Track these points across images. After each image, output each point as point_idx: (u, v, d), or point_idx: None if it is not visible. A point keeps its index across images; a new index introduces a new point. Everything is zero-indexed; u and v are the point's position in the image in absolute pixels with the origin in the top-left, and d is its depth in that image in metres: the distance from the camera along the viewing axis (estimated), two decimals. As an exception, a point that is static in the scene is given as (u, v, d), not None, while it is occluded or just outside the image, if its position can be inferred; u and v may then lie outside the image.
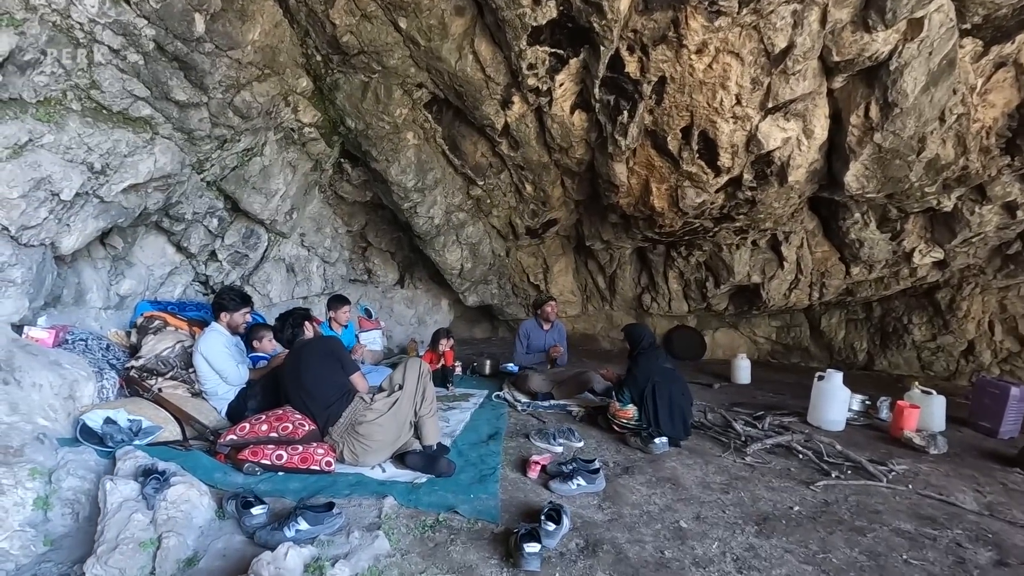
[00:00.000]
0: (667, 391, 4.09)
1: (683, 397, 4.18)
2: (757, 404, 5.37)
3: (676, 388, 4.16)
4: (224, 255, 5.26)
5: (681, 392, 4.20)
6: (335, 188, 6.30)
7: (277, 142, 5.08)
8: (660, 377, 4.15)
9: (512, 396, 5.08)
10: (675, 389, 4.15)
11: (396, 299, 8.12)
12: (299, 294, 6.25)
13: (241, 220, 5.32)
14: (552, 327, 5.63)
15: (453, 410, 4.61)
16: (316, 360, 3.17)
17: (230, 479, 2.83)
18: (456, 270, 7.15)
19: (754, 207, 5.55)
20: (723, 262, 7.03)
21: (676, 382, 4.21)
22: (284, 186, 5.34)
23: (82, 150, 3.20)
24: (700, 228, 6.25)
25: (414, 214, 6.12)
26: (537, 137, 5.43)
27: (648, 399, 4.09)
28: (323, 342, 3.29)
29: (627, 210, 5.95)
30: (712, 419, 4.57)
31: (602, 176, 5.55)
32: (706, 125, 4.61)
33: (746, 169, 5.05)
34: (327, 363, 3.18)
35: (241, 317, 3.85)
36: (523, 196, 6.42)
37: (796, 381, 6.77)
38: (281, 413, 3.05)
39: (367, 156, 5.47)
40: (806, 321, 8.01)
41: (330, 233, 6.52)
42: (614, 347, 9.07)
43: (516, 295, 8.65)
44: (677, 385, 4.20)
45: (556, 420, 4.56)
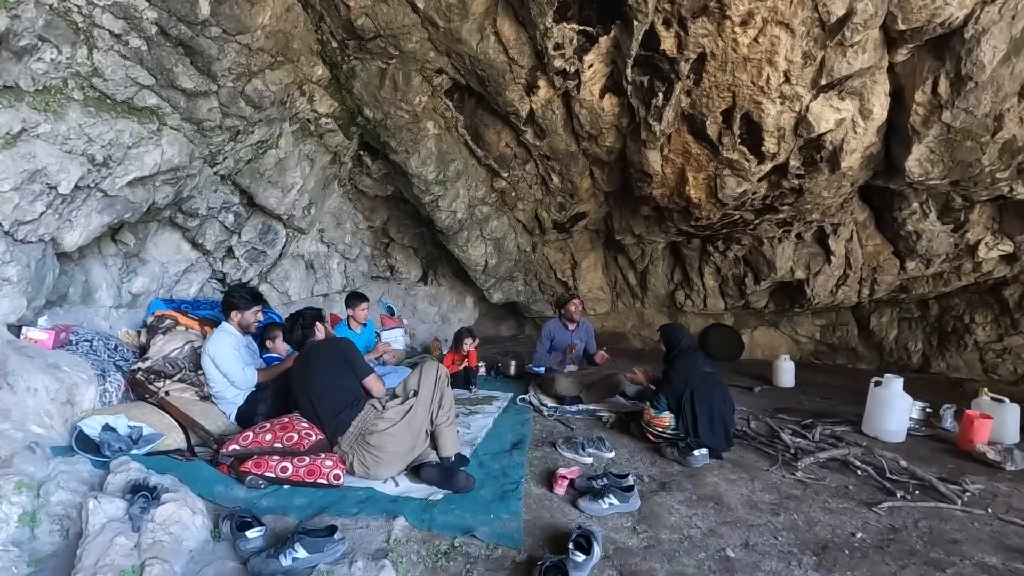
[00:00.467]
0: (707, 397, 3.74)
1: (724, 404, 3.82)
2: (804, 411, 4.96)
3: (717, 394, 3.81)
4: (241, 252, 5.10)
5: (722, 399, 3.84)
6: (355, 182, 6.10)
7: (293, 134, 4.89)
8: (699, 382, 3.81)
9: (538, 400, 4.79)
10: (716, 395, 3.79)
11: (419, 296, 7.92)
12: (319, 291, 6.08)
13: (258, 215, 5.16)
14: (579, 327, 5.30)
15: (475, 415, 4.34)
16: (325, 363, 2.94)
17: (232, 493, 2.62)
18: (480, 266, 6.89)
19: (800, 197, 5.11)
20: (764, 257, 6.59)
21: (717, 388, 3.86)
22: (301, 180, 5.15)
23: (82, 141, 3.04)
24: (739, 220, 5.83)
25: (436, 208, 5.87)
26: (564, 124, 5.11)
27: (686, 406, 3.75)
28: (333, 344, 3.06)
29: (660, 202, 5.58)
30: (756, 428, 4.19)
31: (634, 165, 5.19)
32: (750, 107, 4.22)
33: (793, 155, 4.63)
34: (337, 367, 2.94)
35: (253, 316, 3.66)
36: (550, 188, 6.11)
37: (844, 384, 6.31)
38: (287, 421, 2.83)
39: (386, 147, 5.24)
40: (853, 320, 7.49)
41: (350, 228, 6.33)
42: (645, 346, 8.71)
43: (543, 292, 8.35)
44: (718, 391, 3.84)
45: (585, 427, 4.26)
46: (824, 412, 4.92)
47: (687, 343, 4.11)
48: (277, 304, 5.57)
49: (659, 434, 3.84)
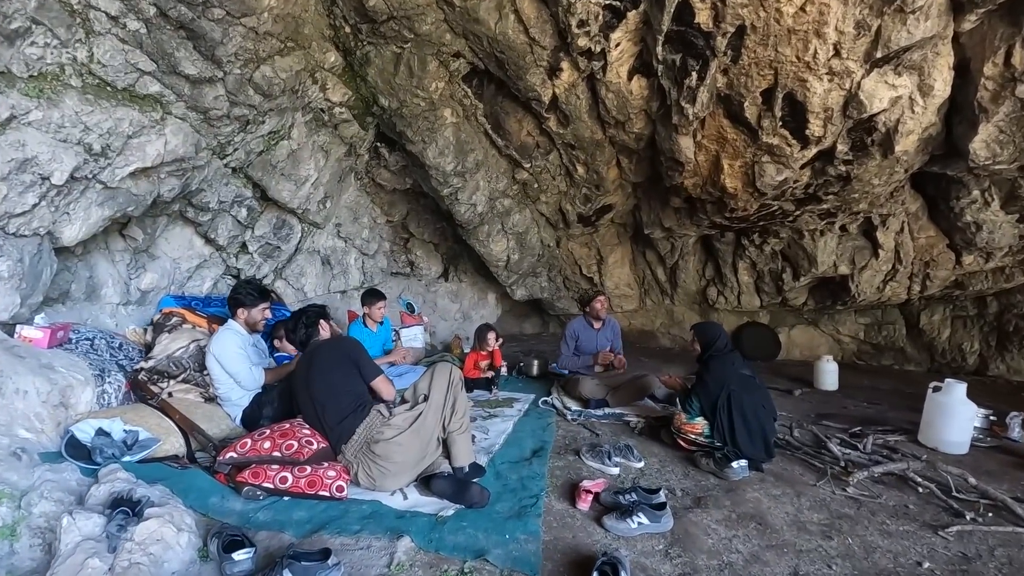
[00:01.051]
0: (745, 402, 3.42)
1: (764, 410, 3.49)
2: (851, 417, 4.57)
3: (756, 399, 3.48)
4: (254, 247, 4.96)
5: (762, 404, 3.51)
6: (372, 175, 5.91)
7: (306, 124, 4.71)
8: (736, 386, 3.49)
9: (561, 402, 4.52)
10: (755, 400, 3.47)
11: (440, 293, 7.71)
12: (336, 288, 5.92)
13: (272, 210, 5.00)
14: (604, 325, 5.00)
15: (494, 419, 4.09)
16: (329, 365, 2.73)
17: (227, 505, 2.43)
18: (502, 262, 6.64)
19: (847, 185, 4.71)
20: (804, 251, 6.17)
21: (756, 392, 3.53)
22: (315, 172, 4.98)
23: (77, 129, 2.88)
24: (778, 212, 5.45)
25: (455, 201, 5.63)
26: (589, 110, 4.81)
27: (722, 412, 3.44)
28: (338, 344, 2.84)
29: (693, 192, 5.23)
30: (800, 437, 3.84)
31: (664, 153, 4.86)
32: (794, 85, 3.85)
33: (841, 138, 4.24)
34: (342, 368, 2.73)
35: (260, 314, 3.48)
36: (574, 179, 5.81)
37: (893, 388, 5.86)
38: (287, 428, 2.63)
39: (402, 137, 5.03)
40: (901, 318, 6.99)
41: (368, 223, 6.15)
42: (675, 344, 8.35)
43: (568, 288, 8.07)
44: (757, 395, 3.52)
45: (611, 432, 3.97)
46: (873, 419, 4.52)
47: (723, 343, 3.79)
48: (293, 301, 5.42)
49: (693, 441, 3.54)
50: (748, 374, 3.64)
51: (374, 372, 2.81)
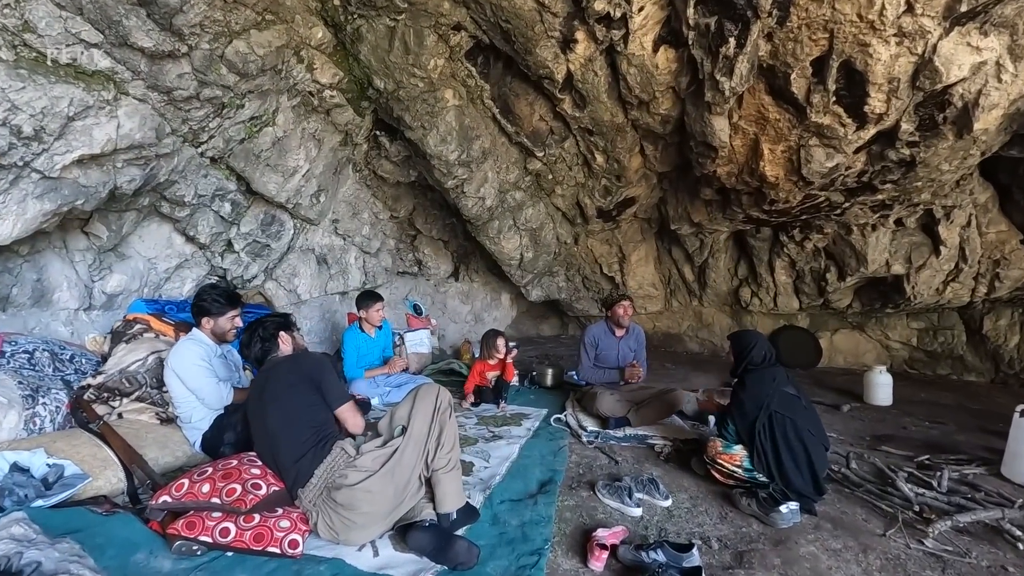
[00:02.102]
0: (788, 426, 2.88)
1: (813, 437, 2.91)
2: (912, 441, 3.94)
3: (802, 423, 2.91)
4: (241, 245, 4.54)
5: (810, 429, 2.93)
6: (372, 166, 5.45)
7: (293, 109, 4.26)
8: (779, 406, 2.94)
9: (576, 420, 3.99)
10: (800, 424, 2.90)
11: (450, 293, 7.24)
12: (334, 289, 5.49)
13: (259, 204, 4.58)
14: (628, 333, 4.43)
15: (498, 440, 3.58)
16: (285, 389, 2.25)
17: (155, 564, 1.97)
18: (515, 260, 6.12)
19: (910, 172, 4.07)
20: (852, 248, 5.51)
21: (803, 414, 2.96)
22: (306, 163, 4.53)
23: (1, 108, 2.46)
24: (824, 204, 4.82)
25: (461, 195, 5.13)
26: (609, 89, 4.25)
27: (762, 436, 2.89)
28: (299, 362, 2.36)
29: (727, 182, 4.63)
30: (859, 469, 3.23)
31: (695, 136, 4.27)
32: (852, 51, 3.24)
33: (906, 116, 3.61)
34: (300, 393, 2.24)
35: (228, 322, 3.03)
36: (592, 169, 5.25)
37: (956, 403, 5.17)
38: (233, 466, 2.16)
39: (400, 123, 4.54)
40: (960, 322, 6.25)
41: (369, 219, 5.70)
42: (704, 349, 7.75)
43: (587, 288, 7.51)
44: (804, 418, 2.95)
45: (633, 459, 3.43)
46: (941, 444, 3.88)
47: (762, 354, 3.18)
48: (285, 304, 4.99)
49: (730, 473, 2.98)
50: (792, 393, 3.07)
51: (341, 397, 2.32)
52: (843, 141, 3.84)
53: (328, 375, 2.33)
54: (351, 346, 4.31)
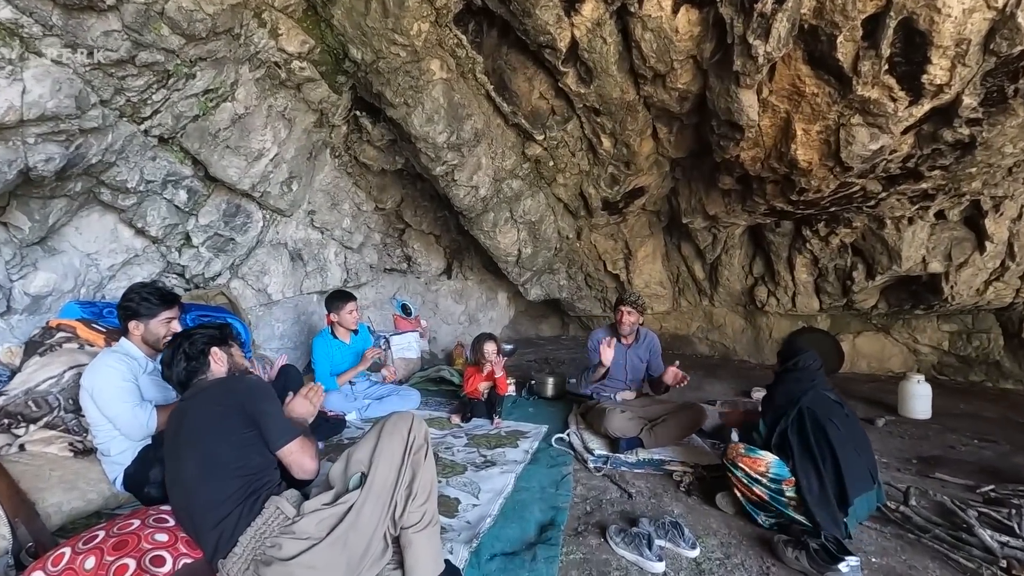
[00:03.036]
0: (820, 432, 2.45)
1: (852, 451, 2.47)
2: (966, 465, 3.44)
3: (838, 432, 2.49)
4: (201, 239, 3.99)
5: (855, 447, 2.50)
6: (353, 152, 4.90)
7: (256, 83, 3.71)
8: (814, 405, 2.55)
9: (581, 441, 3.46)
10: (833, 432, 2.47)
11: (442, 292, 6.70)
12: (311, 288, 4.94)
13: (221, 192, 4.03)
14: (638, 341, 3.87)
15: (490, 468, 3.05)
16: (209, 426, 1.71)
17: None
18: (512, 256, 5.58)
19: (966, 155, 3.54)
20: (884, 243, 4.99)
21: (843, 423, 2.56)
22: (274, 146, 3.98)
23: None
24: (858, 194, 4.29)
25: (452, 183, 4.59)
26: (619, 60, 3.70)
27: (790, 436, 2.49)
28: (230, 388, 1.81)
29: (750, 168, 4.10)
30: (921, 508, 2.71)
31: (718, 115, 3.73)
32: (916, 5, 2.71)
33: (970, 88, 3.07)
34: (228, 431, 1.70)
35: (163, 326, 2.49)
36: (598, 155, 4.71)
37: (1000, 416, 4.67)
38: (132, 530, 1.62)
39: (381, 100, 3.99)
40: (997, 325, 5.73)
41: (350, 211, 5.15)
42: (714, 352, 7.24)
43: (590, 287, 6.98)
44: (845, 427, 2.53)
45: (649, 491, 2.91)
46: (999, 468, 3.38)
47: (809, 364, 2.76)
48: (254, 304, 4.45)
49: (750, 483, 2.49)
50: (834, 398, 2.64)
51: (285, 433, 1.78)
52: (891, 119, 3.31)
53: (267, 404, 1.79)
54: (322, 355, 3.78)
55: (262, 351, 4.39)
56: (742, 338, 7.01)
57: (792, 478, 2.41)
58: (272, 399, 1.82)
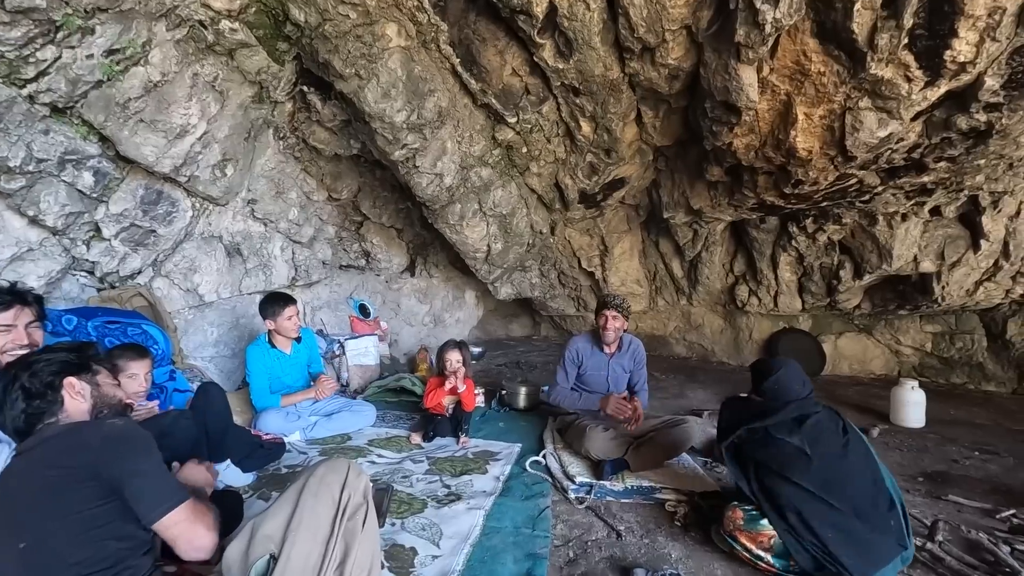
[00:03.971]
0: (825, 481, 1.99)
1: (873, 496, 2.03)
2: (974, 482, 3.20)
3: (858, 470, 2.05)
4: (112, 230, 3.39)
5: (870, 478, 2.07)
6: (301, 133, 4.33)
7: (176, 45, 3.12)
8: (780, 431, 2.08)
9: (559, 464, 3.03)
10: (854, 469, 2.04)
11: (404, 291, 6.18)
12: (252, 287, 4.36)
13: (138, 176, 3.43)
14: (622, 349, 3.45)
15: (454, 503, 2.58)
16: (38, 501, 1.19)
17: None
18: (481, 253, 5.11)
19: (979, 145, 3.25)
20: (874, 241, 4.73)
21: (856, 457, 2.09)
22: (202, 122, 3.40)
23: None
24: (854, 187, 3.98)
25: (413, 170, 4.08)
26: (603, 30, 3.26)
27: (787, 508, 2.02)
28: (81, 443, 1.25)
29: (743, 157, 3.73)
30: (950, 547, 2.36)
31: (713, 96, 3.33)
32: (948, -33, 2.35)
33: (994, 67, 2.75)
34: (67, 506, 1.18)
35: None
36: (576, 142, 4.27)
37: (992, 421, 4.48)
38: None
39: (329, 72, 3.45)
40: (981, 326, 5.58)
41: (298, 200, 4.58)
42: (692, 353, 6.95)
43: (563, 285, 6.57)
44: (859, 460, 2.08)
45: (640, 525, 2.52)
46: (1011, 487, 3.12)
47: (783, 384, 2.20)
48: (181, 307, 3.86)
49: (759, 557, 2.08)
50: (828, 425, 2.14)
51: (163, 500, 1.27)
52: (903, 103, 2.97)
53: (136, 460, 1.28)
54: (258, 367, 3.24)
55: (191, 360, 3.81)
56: (721, 339, 6.73)
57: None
58: (146, 452, 1.30)
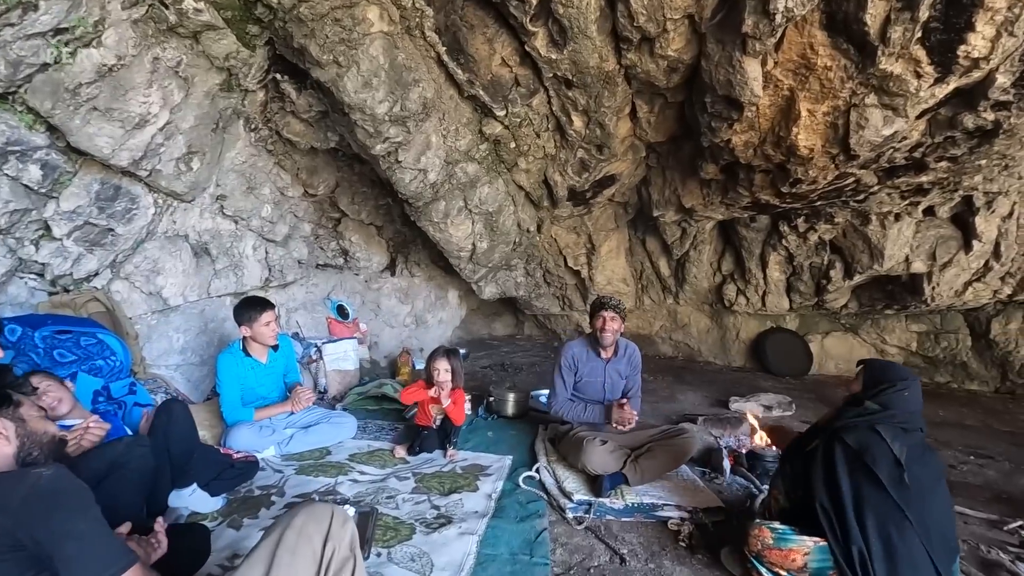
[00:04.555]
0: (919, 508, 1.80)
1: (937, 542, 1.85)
2: (974, 489, 3.19)
3: (935, 504, 1.87)
4: (64, 229, 3.08)
5: (949, 519, 1.90)
6: (275, 125, 4.04)
7: (134, 25, 2.83)
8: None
9: (555, 480, 2.87)
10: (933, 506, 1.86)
11: (385, 291, 5.93)
12: (221, 289, 4.07)
13: (92, 170, 3.13)
14: (618, 354, 3.30)
15: (445, 528, 2.38)
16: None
17: None
18: (465, 252, 4.90)
19: (983, 145, 3.17)
20: (866, 241, 4.67)
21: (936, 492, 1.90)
22: (164, 111, 3.11)
23: None
24: (851, 187, 3.88)
25: (395, 165, 3.84)
26: (600, 18, 3.07)
27: (849, 519, 1.86)
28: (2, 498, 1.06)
29: (741, 155, 3.59)
30: (968, 567, 2.26)
31: (715, 89, 3.17)
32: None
33: (1007, 64, 2.65)
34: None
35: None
36: (567, 136, 4.08)
37: (983, 424, 4.46)
38: None
39: (304, 58, 3.19)
40: (965, 325, 5.60)
41: (271, 196, 4.30)
42: (678, 352, 6.87)
43: (549, 284, 6.40)
44: (937, 502, 1.89)
45: (643, 547, 2.38)
46: (1012, 493, 3.11)
47: (907, 405, 1.94)
48: (144, 312, 3.56)
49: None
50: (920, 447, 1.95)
51: (105, 567, 1.05)
52: (910, 100, 2.86)
53: (68, 522, 1.05)
54: (229, 377, 2.98)
55: (155, 369, 3.52)
56: (707, 338, 6.65)
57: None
58: (79, 508, 1.07)
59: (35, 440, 1.22)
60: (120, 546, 1.09)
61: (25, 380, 1.90)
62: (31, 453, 1.20)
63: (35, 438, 1.22)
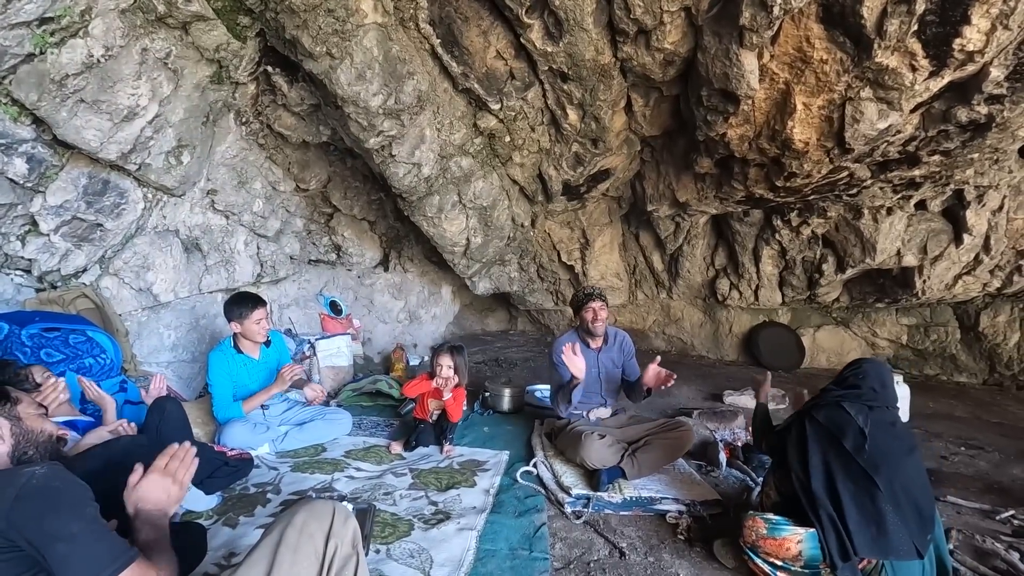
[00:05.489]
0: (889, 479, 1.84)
1: (920, 517, 1.88)
2: (966, 480, 3.22)
3: (905, 475, 1.90)
4: (51, 224, 3.02)
5: (922, 484, 1.94)
6: (266, 118, 3.99)
7: (122, 16, 2.77)
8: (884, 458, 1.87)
9: (553, 475, 2.86)
10: (902, 476, 1.89)
11: (378, 287, 5.89)
12: (213, 285, 4.02)
13: (80, 163, 3.06)
14: (608, 343, 3.30)
15: (444, 524, 2.37)
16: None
17: None
18: (459, 247, 4.87)
19: (976, 138, 3.18)
20: (858, 235, 4.70)
21: (906, 464, 1.94)
22: (153, 103, 3.05)
23: None
24: (844, 181, 3.90)
25: (389, 159, 3.80)
26: (597, 11, 3.05)
27: (821, 491, 1.90)
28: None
29: (736, 149, 3.59)
30: (964, 558, 2.28)
31: (711, 83, 3.16)
32: (969, -53, 2.23)
33: (1002, 57, 2.67)
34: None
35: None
36: (562, 130, 4.06)
37: (973, 416, 4.51)
38: None
39: (297, 50, 3.14)
40: (954, 319, 5.66)
41: (263, 191, 4.24)
42: (671, 346, 6.89)
43: (542, 279, 6.39)
44: (907, 469, 1.93)
45: (642, 540, 2.38)
46: (1003, 483, 3.14)
47: (868, 380, 2.08)
48: (134, 308, 3.51)
49: (780, 569, 1.96)
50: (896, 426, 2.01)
51: (101, 568, 1.02)
52: (905, 93, 2.87)
53: (61, 522, 1.02)
54: (221, 374, 2.94)
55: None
56: (700, 333, 6.68)
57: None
58: (73, 508, 1.04)
59: (31, 439, 1.19)
60: (118, 544, 1.07)
61: (27, 374, 1.86)
62: (26, 452, 1.17)
63: (31, 437, 1.19)
